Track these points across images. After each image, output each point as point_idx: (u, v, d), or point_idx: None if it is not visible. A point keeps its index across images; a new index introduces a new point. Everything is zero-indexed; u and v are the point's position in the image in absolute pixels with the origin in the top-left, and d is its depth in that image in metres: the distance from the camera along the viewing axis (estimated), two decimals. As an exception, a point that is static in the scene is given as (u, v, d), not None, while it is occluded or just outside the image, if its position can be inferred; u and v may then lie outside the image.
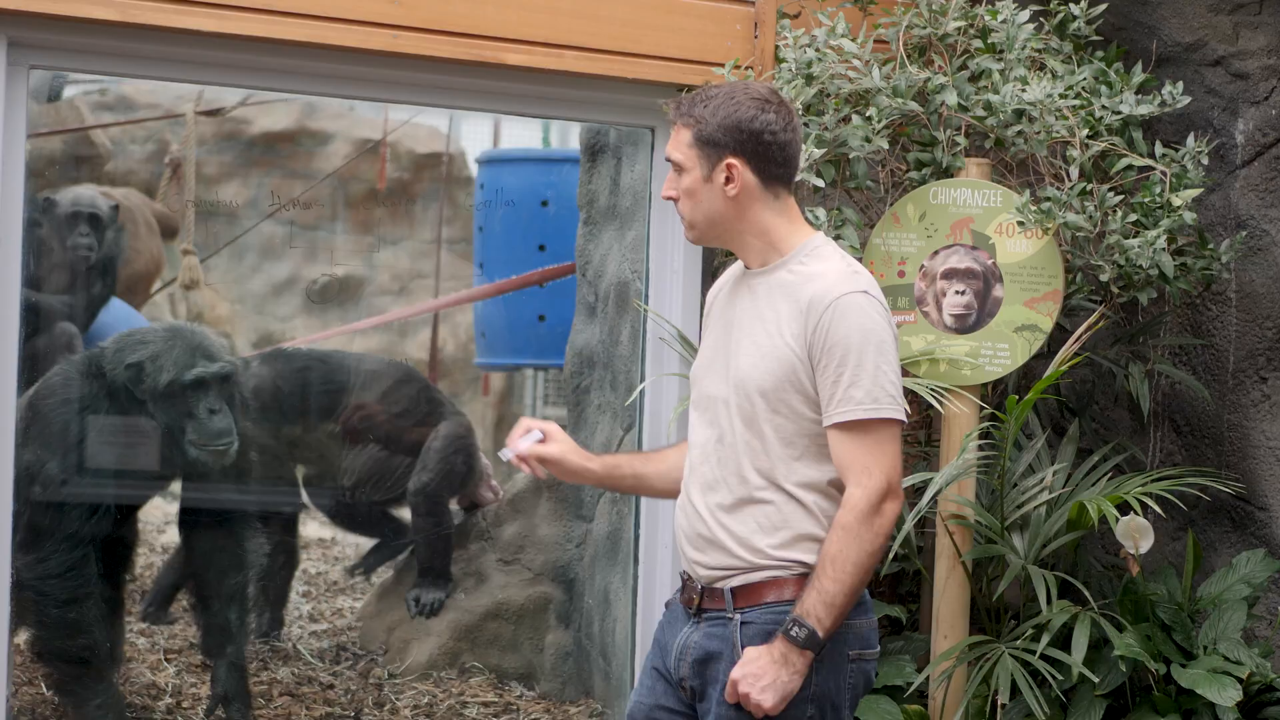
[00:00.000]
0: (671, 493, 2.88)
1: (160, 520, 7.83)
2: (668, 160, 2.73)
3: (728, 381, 2.69)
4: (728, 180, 2.67)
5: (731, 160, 2.67)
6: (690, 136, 2.69)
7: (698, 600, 2.70)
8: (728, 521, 2.67)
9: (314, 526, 8.04)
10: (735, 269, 2.85)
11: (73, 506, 4.02)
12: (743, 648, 2.63)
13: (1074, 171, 3.65)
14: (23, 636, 4.35)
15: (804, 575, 2.63)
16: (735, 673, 2.60)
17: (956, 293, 3.71)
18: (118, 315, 5.42)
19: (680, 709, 2.76)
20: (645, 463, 2.97)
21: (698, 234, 2.75)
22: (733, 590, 2.66)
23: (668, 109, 2.78)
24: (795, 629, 2.56)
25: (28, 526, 3.99)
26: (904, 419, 2.64)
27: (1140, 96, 3.81)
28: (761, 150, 2.67)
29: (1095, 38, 3.96)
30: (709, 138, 2.67)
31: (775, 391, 2.63)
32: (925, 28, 3.81)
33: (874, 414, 2.59)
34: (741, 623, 2.65)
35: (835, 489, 2.66)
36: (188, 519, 4.39)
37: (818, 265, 2.68)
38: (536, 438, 2.87)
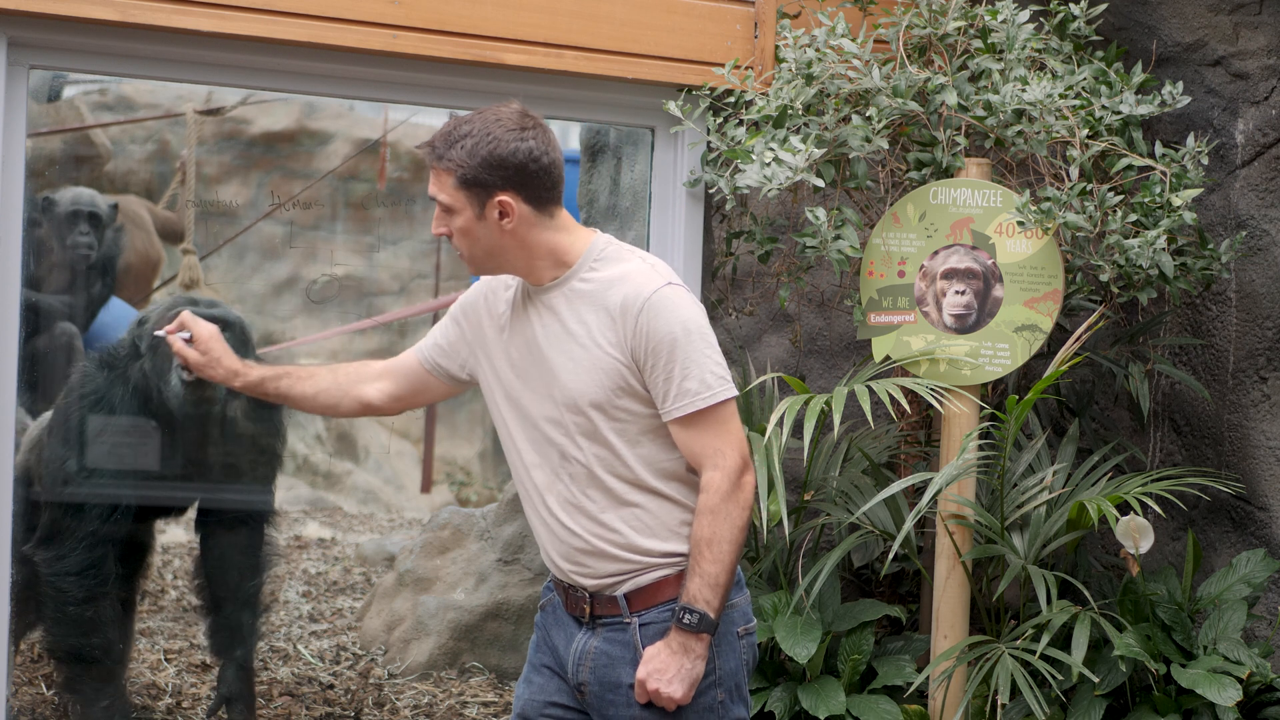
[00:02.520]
0: (319, 410, 3.02)
1: (161, 520, 7.82)
2: (432, 199, 2.70)
3: (553, 402, 2.70)
4: (502, 216, 2.67)
5: (503, 197, 2.66)
6: (453, 181, 2.66)
7: (589, 608, 2.73)
8: (602, 531, 2.69)
9: (314, 526, 8.05)
10: (507, 279, 2.83)
11: (93, 505, 4.01)
12: (644, 648, 2.68)
13: (1074, 171, 3.65)
14: (36, 634, 4.36)
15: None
16: (640, 673, 2.64)
17: (956, 293, 3.71)
18: (117, 315, 5.42)
19: (574, 705, 2.79)
20: (293, 384, 3.00)
21: (478, 268, 2.75)
22: (626, 596, 2.70)
23: (422, 151, 2.74)
24: (687, 616, 2.62)
25: (47, 523, 3.99)
26: (735, 394, 2.68)
27: (1140, 96, 3.81)
28: (529, 180, 2.66)
29: (1095, 38, 3.96)
30: (474, 179, 2.65)
31: (608, 401, 2.66)
32: (925, 28, 3.81)
33: (709, 401, 2.64)
34: (640, 624, 2.69)
35: (690, 471, 2.70)
36: (204, 519, 4.39)
37: (613, 268, 2.69)
38: (185, 337, 2.95)
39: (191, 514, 4.43)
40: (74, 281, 5.18)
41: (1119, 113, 3.75)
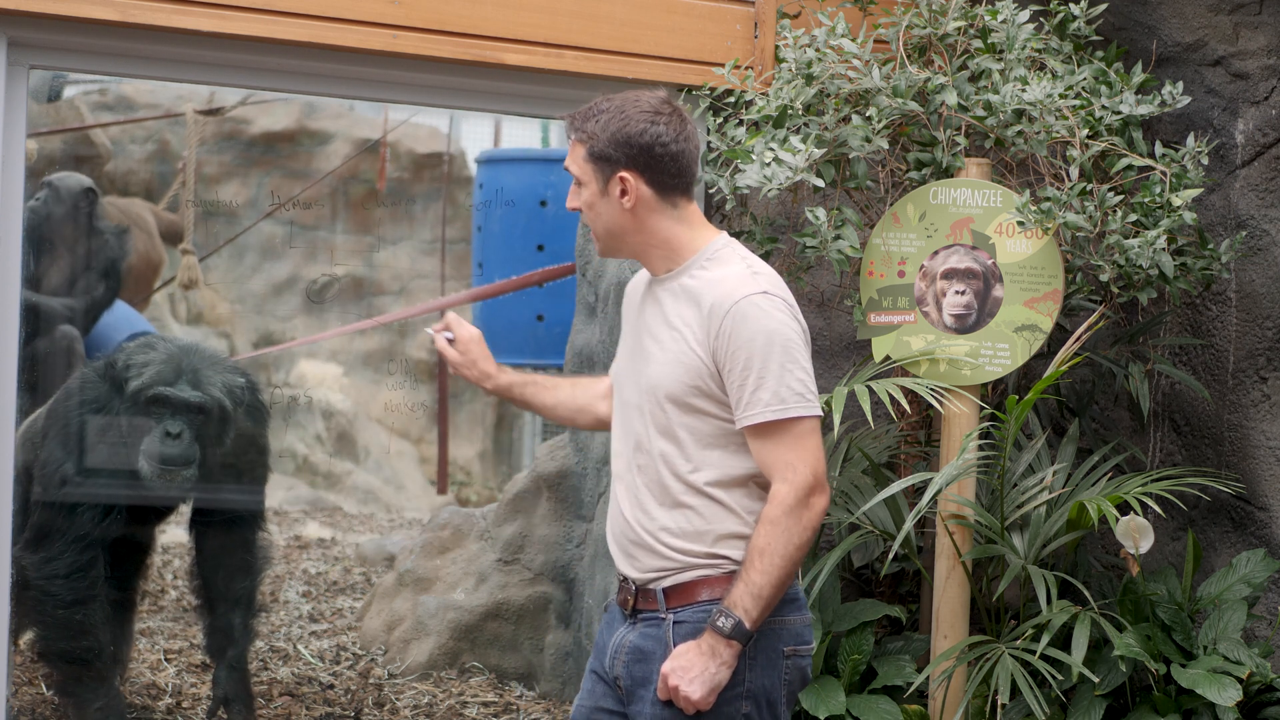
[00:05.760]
0: (558, 420, 3.07)
1: (161, 521, 7.82)
2: (565, 170, 2.76)
3: (638, 389, 2.73)
4: (623, 194, 2.70)
5: (624, 174, 2.69)
6: (584, 152, 2.72)
7: (633, 601, 2.74)
8: (652, 527, 2.70)
9: (314, 526, 8.06)
10: (645, 273, 2.89)
11: (85, 508, 4.01)
12: (675, 645, 2.66)
13: (1074, 171, 3.65)
14: (26, 637, 4.36)
15: (731, 572, 2.67)
16: (665, 667, 2.63)
17: (956, 293, 3.71)
18: (119, 316, 5.43)
19: (618, 709, 2.78)
20: (537, 392, 3.05)
21: (602, 245, 2.79)
22: (665, 590, 2.69)
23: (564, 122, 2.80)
24: (722, 620, 2.59)
25: (37, 526, 3.99)
26: (817, 414, 2.66)
27: (1140, 96, 3.81)
28: (654, 163, 2.69)
29: (1095, 38, 3.96)
30: (601, 153, 2.70)
31: (684, 397, 2.67)
32: (925, 28, 3.81)
33: (781, 415, 2.62)
34: (674, 622, 2.68)
35: (755, 484, 2.69)
36: (196, 520, 4.39)
37: (718, 270, 2.70)
38: (448, 338, 3.00)
39: (186, 515, 4.44)
40: (74, 283, 5.18)
41: (1119, 113, 3.75)
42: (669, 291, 2.73)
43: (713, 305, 2.64)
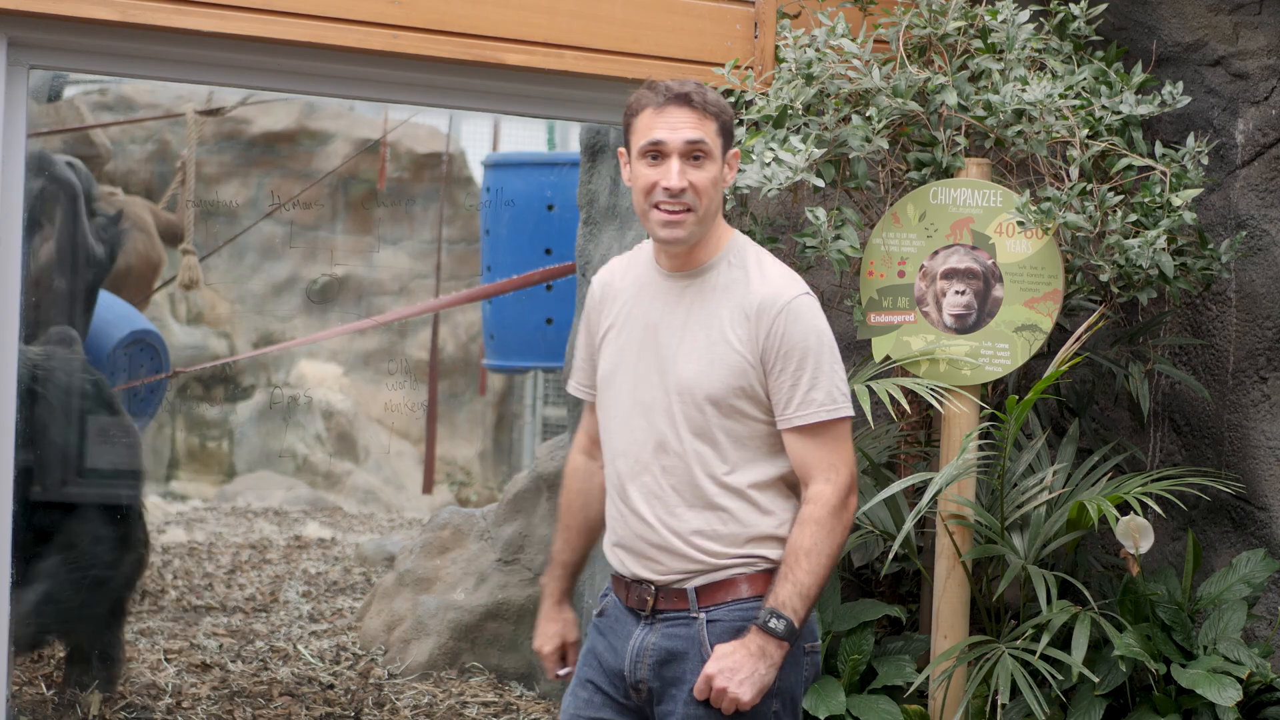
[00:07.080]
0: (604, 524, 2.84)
1: (160, 520, 7.84)
2: (692, 144, 2.60)
3: (664, 390, 2.65)
4: (730, 170, 2.68)
5: (735, 151, 2.69)
6: (717, 126, 2.64)
7: (653, 601, 2.68)
8: (681, 529, 2.65)
9: (314, 526, 8.06)
10: (627, 263, 2.79)
11: None
12: (712, 645, 2.62)
13: (1074, 171, 3.65)
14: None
15: (766, 570, 2.65)
16: (710, 668, 2.58)
17: (956, 293, 3.71)
18: (119, 315, 5.43)
19: (619, 718, 2.74)
20: (579, 540, 2.95)
21: (701, 230, 2.65)
22: (696, 590, 2.65)
23: (651, 93, 2.67)
24: (774, 621, 2.57)
25: None
26: (853, 415, 2.68)
27: (1140, 96, 3.81)
28: None
29: (1095, 38, 3.96)
30: (728, 129, 2.67)
31: (726, 398, 2.63)
32: (925, 28, 3.81)
33: (834, 414, 2.63)
34: (708, 621, 2.64)
35: (784, 483, 2.68)
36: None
37: (753, 269, 2.67)
38: (567, 670, 2.91)
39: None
40: (72, 281, 5.18)
41: (1119, 113, 3.75)
42: (694, 289, 2.67)
43: (761, 305, 2.61)
